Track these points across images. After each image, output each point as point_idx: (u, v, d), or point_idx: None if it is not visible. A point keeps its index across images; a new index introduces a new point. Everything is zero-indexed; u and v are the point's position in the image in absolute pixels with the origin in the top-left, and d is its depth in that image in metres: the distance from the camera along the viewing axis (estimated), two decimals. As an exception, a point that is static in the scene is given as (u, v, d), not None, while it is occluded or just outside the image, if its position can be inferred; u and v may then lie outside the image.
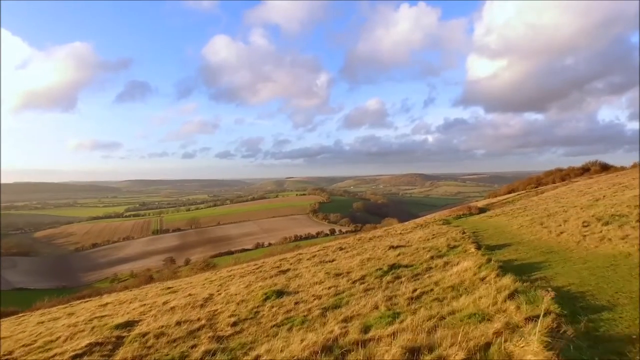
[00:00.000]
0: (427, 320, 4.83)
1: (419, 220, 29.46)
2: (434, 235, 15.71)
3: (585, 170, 48.23)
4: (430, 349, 3.83)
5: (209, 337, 6.36)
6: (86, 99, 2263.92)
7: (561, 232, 10.42)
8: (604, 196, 18.67)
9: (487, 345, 3.65)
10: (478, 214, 25.17)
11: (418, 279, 7.76)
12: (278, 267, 15.06)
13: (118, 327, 8.30)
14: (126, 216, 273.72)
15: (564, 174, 50.16)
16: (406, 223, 34.66)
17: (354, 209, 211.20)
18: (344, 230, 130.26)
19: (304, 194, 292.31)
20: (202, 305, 9.51)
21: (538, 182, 50.48)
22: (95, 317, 11.02)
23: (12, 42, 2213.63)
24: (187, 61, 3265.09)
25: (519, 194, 34.57)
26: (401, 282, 7.75)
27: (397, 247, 13.50)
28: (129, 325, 8.46)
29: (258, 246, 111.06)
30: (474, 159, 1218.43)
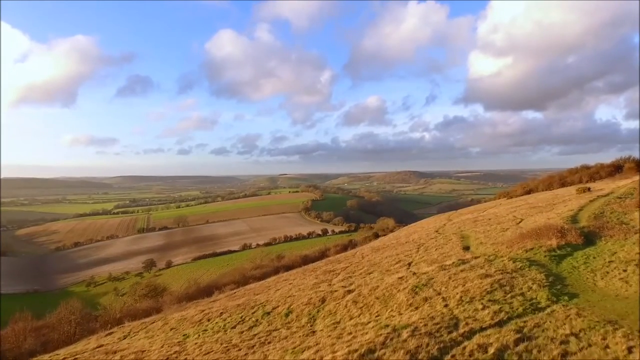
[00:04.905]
0: None
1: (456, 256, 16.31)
2: None
3: (616, 168, 43.16)
4: None
5: None
6: (86, 93, 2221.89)
7: None
8: None
9: None
10: (584, 246, 14.62)
11: None
12: None
13: None
14: (114, 213, 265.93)
15: (592, 172, 45.03)
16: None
17: (348, 207, 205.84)
18: (337, 230, 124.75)
19: (296, 191, 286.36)
20: None
21: (562, 180, 45.35)
22: None
23: (11, 35, 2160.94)
24: (192, 56, 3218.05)
25: (595, 199, 24.81)
26: None
27: None
28: None
29: (245, 247, 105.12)
30: (468, 157, 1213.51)
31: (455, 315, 9.52)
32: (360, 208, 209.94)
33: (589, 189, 30.26)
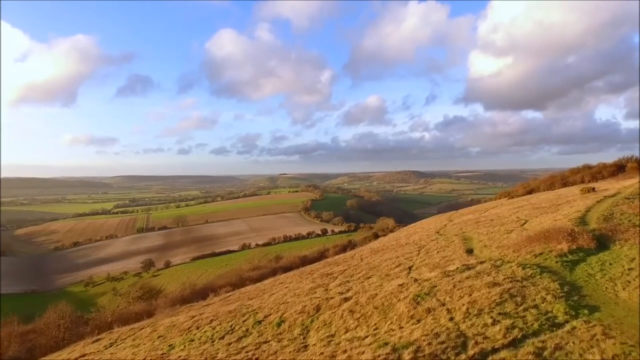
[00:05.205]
0: None
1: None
2: None
3: (619, 168, 42.24)
4: None
5: None
6: (86, 93, 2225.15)
7: None
8: None
9: None
10: (597, 251, 13.21)
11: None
12: None
13: None
14: (114, 213, 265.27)
15: (594, 171, 44.11)
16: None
17: (348, 206, 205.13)
18: (336, 230, 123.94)
19: (296, 191, 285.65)
20: None
21: (564, 180, 44.54)
22: None
23: (11, 35, 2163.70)
24: (192, 56, 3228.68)
25: (601, 200, 23.99)
26: None
27: None
28: None
29: (244, 247, 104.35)
30: (468, 157, 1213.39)
31: (462, 331, 8.34)
32: (360, 208, 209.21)
33: (593, 189, 29.21)
